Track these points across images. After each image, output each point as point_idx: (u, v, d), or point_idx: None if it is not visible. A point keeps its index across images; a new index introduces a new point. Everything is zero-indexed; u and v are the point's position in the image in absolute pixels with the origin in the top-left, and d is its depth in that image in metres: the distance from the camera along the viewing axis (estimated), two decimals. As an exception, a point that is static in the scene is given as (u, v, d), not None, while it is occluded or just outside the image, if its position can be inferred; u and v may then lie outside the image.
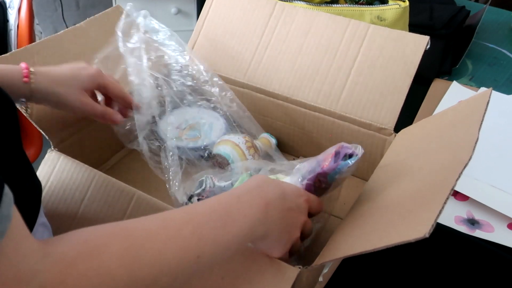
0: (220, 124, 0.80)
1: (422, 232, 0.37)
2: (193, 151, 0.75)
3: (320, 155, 0.58)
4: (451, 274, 0.63)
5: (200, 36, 0.86)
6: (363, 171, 0.77)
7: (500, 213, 0.72)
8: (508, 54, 1.14)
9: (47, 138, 0.67)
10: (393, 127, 0.71)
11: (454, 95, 0.97)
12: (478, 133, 0.48)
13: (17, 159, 0.46)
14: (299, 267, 0.49)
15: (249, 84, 0.81)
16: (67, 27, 0.77)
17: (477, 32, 1.14)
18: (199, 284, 0.49)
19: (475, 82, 1.05)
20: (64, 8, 2.12)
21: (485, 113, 0.51)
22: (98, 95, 0.69)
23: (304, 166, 0.59)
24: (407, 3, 0.87)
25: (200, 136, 0.78)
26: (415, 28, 0.89)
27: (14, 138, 0.45)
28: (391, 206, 0.48)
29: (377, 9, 0.86)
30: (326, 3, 0.90)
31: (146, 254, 0.38)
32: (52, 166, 0.62)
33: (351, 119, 0.74)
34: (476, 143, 0.46)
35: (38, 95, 0.59)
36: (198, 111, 0.79)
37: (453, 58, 1.08)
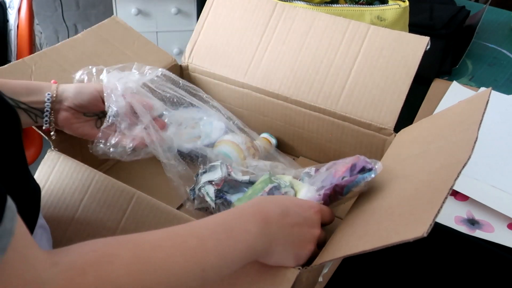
0: (220, 124, 0.80)
1: (421, 232, 0.37)
2: (193, 151, 0.75)
3: (337, 164, 0.59)
4: (451, 274, 0.63)
5: (200, 36, 0.86)
6: (363, 171, 0.77)
7: (500, 213, 0.72)
8: (508, 54, 1.14)
9: (47, 139, 0.68)
10: (393, 127, 0.71)
11: (454, 95, 0.97)
12: (478, 133, 0.48)
13: (19, 166, 0.46)
14: (299, 268, 0.49)
15: (249, 84, 0.81)
16: (67, 27, 0.78)
17: (477, 32, 1.14)
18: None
19: (475, 82, 1.05)
20: (64, 8, 2.12)
21: (485, 113, 0.51)
22: None
23: (320, 175, 0.61)
24: (407, 3, 0.87)
25: (200, 136, 0.78)
26: (415, 28, 0.89)
27: (16, 145, 0.45)
28: (391, 206, 0.48)
29: (377, 9, 0.86)
30: (326, 3, 0.90)
31: (154, 264, 0.38)
32: (52, 166, 0.62)
33: (351, 119, 0.74)
34: (475, 143, 0.46)
35: (65, 94, 0.64)
36: (198, 111, 0.79)
37: (453, 58, 1.08)
